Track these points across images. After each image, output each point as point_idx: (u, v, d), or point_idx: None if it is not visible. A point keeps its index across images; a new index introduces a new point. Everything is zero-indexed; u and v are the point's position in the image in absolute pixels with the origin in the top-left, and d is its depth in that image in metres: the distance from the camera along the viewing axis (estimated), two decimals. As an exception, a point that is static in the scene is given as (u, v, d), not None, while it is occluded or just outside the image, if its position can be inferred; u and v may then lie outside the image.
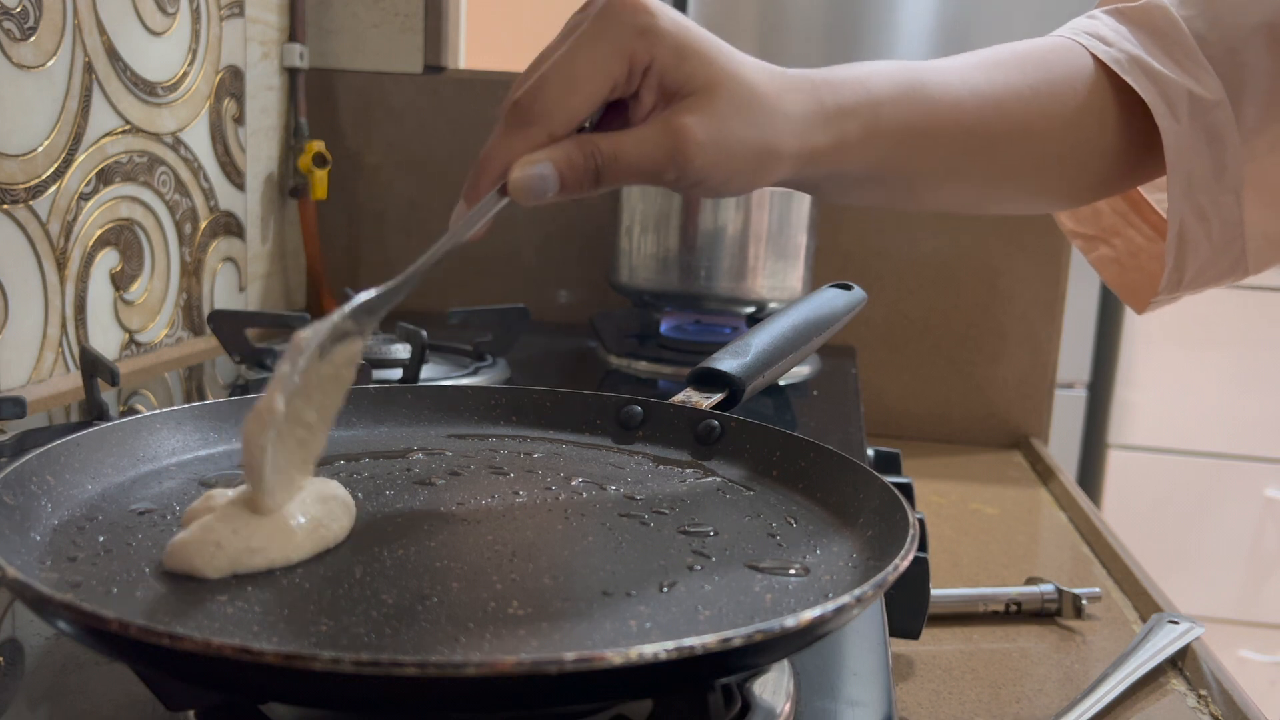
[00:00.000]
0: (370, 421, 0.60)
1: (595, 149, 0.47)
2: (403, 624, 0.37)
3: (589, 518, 0.48)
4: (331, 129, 1.31)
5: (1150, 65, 0.56)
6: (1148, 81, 0.56)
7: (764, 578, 0.43)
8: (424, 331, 0.88)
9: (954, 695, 0.63)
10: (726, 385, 0.60)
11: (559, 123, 0.46)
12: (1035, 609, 0.75)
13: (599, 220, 1.25)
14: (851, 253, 1.24)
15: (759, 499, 0.52)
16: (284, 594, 0.39)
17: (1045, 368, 1.25)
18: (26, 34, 0.84)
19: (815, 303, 0.71)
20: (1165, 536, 1.92)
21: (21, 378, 0.86)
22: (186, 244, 1.09)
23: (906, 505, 0.44)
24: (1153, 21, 0.58)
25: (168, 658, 0.31)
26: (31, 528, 0.43)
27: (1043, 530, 0.99)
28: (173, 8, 1.04)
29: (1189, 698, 0.64)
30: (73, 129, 0.91)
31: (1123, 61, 0.57)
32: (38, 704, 0.40)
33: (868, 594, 0.35)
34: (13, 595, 0.34)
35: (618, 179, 0.48)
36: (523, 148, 0.46)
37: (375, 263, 1.34)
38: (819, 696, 0.43)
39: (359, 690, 0.30)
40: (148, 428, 0.52)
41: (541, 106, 0.46)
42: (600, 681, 0.31)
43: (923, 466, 1.14)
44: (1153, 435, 1.95)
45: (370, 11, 1.29)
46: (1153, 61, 0.57)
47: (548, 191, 0.47)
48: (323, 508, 0.43)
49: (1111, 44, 0.58)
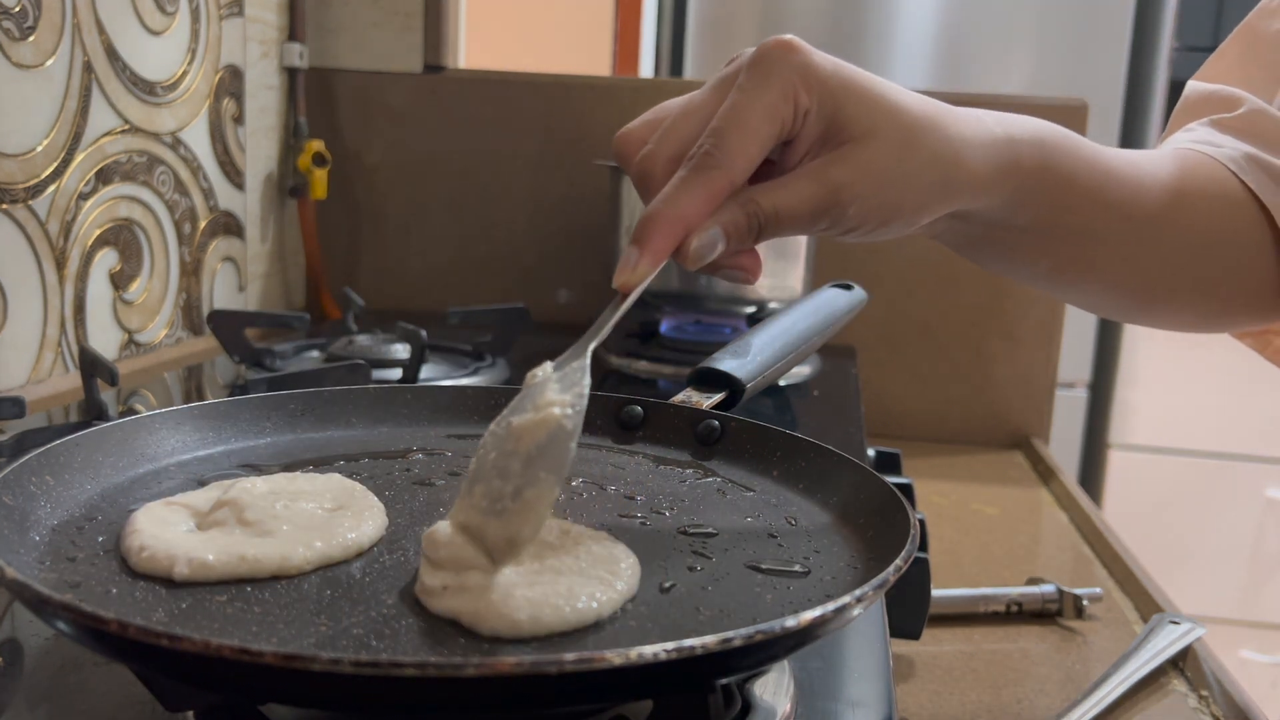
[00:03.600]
0: (370, 421, 0.60)
1: (756, 207, 0.46)
2: (403, 624, 0.37)
3: (589, 518, 0.48)
4: (331, 128, 1.31)
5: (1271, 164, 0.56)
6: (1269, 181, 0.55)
7: (764, 578, 0.43)
8: (424, 331, 0.88)
9: (954, 696, 0.63)
10: (727, 385, 0.60)
11: (740, 170, 0.46)
12: (1036, 609, 0.75)
13: (599, 220, 1.25)
14: (851, 253, 1.24)
15: (759, 499, 0.52)
16: (283, 595, 0.39)
17: (1046, 367, 1.25)
18: (26, 33, 0.84)
19: (815, 303, 0.71)
20: (1166, 536, 1.92)
21: (21, 378, 0.86)
22: (186, 244, 1.09)
23: (907, 505, 0.44)
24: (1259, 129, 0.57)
25: (167, 658, 0.31)
26: (31, 528, 0.43)
27: (1044, 530, 0.99)
28: (172, 7, 1.04)
29: (1190, 698, 0.64)
30: (72, 128, 0.91)
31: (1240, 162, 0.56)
32: (38, 704, 0.40)
33: (868, 594, 0.35)
34: (12, 595, 0.34)
35: (776, 233, 0.47)
36: (705, 200, 0.45)
37: (375, 262, 1.34)
38: (819, 697, 0.43)
39: (359, 691, 0.30)
40: (147, 428, 0.52)
41: (724, 155, 0.45)
42: (600, 682, 0.31)
43: (923, 466, 1.14)
44: (1153, 435, 1.95)
45: (370, 11, 1.29)
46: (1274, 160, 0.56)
47: (714, 255, 0.46)
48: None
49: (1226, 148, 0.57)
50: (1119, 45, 1.89)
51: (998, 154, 0.50)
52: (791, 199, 0.47)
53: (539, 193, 1.30)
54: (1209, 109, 0.61)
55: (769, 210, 0.46)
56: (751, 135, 0.45)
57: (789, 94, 0.46)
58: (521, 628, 0.36)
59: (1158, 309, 0.60)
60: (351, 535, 0.43)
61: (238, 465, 0.53)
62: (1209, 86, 0.63)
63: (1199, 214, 0.56)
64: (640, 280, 0.46)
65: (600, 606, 0.38)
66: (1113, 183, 0.54)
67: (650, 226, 0.45)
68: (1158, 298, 0.58)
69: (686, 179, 0.46)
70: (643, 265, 0.45)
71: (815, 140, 0.47)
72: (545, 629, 0.36)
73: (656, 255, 0.46)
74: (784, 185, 0.47)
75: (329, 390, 0.60)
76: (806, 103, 0.46)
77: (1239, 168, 0.56)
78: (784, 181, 0.47)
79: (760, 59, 0.46)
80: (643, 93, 1.27)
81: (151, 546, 0.40)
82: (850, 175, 0.46)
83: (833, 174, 0.46)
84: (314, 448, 0.57)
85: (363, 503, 0.47)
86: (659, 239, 0.45)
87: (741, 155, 0.45)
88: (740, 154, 0.45)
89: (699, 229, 0.46)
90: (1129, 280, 0.57)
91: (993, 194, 0.50)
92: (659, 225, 0.45)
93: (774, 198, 0.47)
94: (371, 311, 1.15)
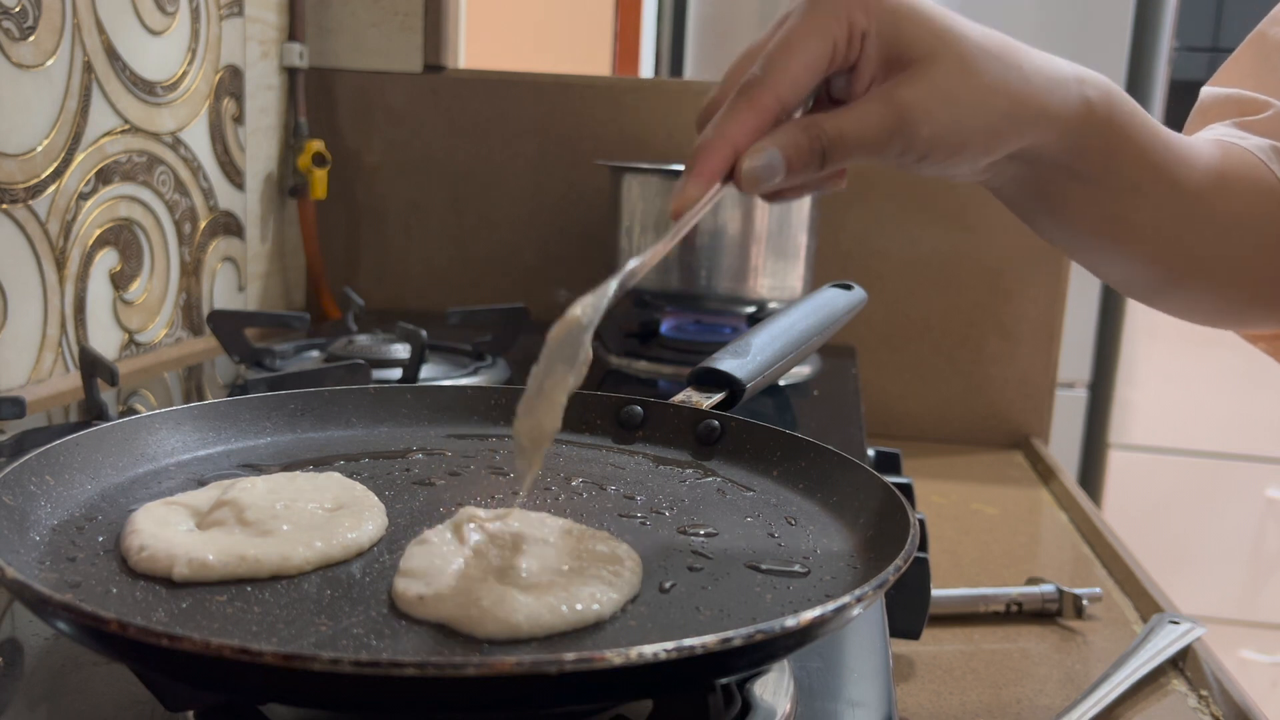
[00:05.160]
0: (370, 421, 0.60)
1: (820, 130, 0.46)
2: (403, 625, 0.37)
3: (589, 518, 0.48)
4: (331, 128, 1.31)
5: None
6: None
7: (764, 578, 0.43)
8: (424, 331, 0.88)
9: (954, 696, 0.63)
10: (727, 385, 0.60)
11: (786, 87, 0.45)
12: (1036, 609, 0.75)
13: (599, 220, 1.25)
14: (851, 253, 1.24)
15: (759, 499, 0.52)
16: (283, 595, 0.39)
17: (1046, 367, 1.25)
18: (26, 33, 0.84)
19: (815, 303, 0.71)
20: (1166, 536, 1.92)
21: (21, 378, 0.86)
22: (186, 244, 1.09)
23: (907, 505, 0.44)
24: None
25: (167, 658, 0.31)
26: (31, 528, 0.43)
27: (1043, 530, 0.99)
28: (172, 7, 1.04)
29: (1190, 698, 0.64)
30: (72, 128, 0.91)
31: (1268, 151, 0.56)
32: (38, 704, 0.40)
33: (868, 594, 0.35)
34: (12, 595, 0.34)
35: (844, 157, 0.47)
36: (751, 119, 0.45)
37: (374, 262, 1.34)
38: (819, 697, 0.43)
39: (359, 691, 0.30)
40: (147, 428, 0.52)
41: (769, 74, 0.45)
42: (600, 681, 0.31)
43: (923, 466, 1.14)
44: (1153, 435, 1.95)
45: (370, 11, 1.29)
46: None
47: (775, 178, 0.46)
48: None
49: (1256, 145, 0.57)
50: (1119, 45, 1.89)
51: (1068, 92, 0.50)
52: (857, 121, 0.46)
53: (539, 193, 1.30)
54: (1228, 112, 0.62)
55: (833, 132, 0.46)
56: (798, 54, 0.45)
57: (840, 14, 0.45)
58: (519, 630, 0.36)
59: (1184, 288, 0.60)
60: (351, 535, 0.43)
61: (238, 465, 0.53)
62: (1225, 90, 0.63)
63: (1236, 196, 0.56)
64: (689, 203, 0.45)
65: (602, 606, 0.38)
66: (1163, 148, 0.54)
67: (697, 152, 0.45)
68: (1187, 275, 0.58)
69: (733, 101, 0.46)
70: (690, 188, 0.45)
71: (879, 67, 0.47)
72: (545, 629, 0.36)
73: (703, 178, 0.45)
74: (850, 108, 0.47)
75: (329, 390, 0.60)
76: (864, 23, 0.46)
77: (1267, 157, 0.56)
78: (851, 106, 0.47)
79: None
80: (643, 93, 1.27)
81: (151, 546, 0.40)
82: (917, 94, 0.46)
83: (900, 94, 0.46)
84: (314, 448, 0.57)
85: (363, 503, 0.47)
86: (705, 161, 0.45)
87: (786, 73, 0.45)
88: (785, 72, 0.45)
89: (753, 150, 0.45)
90: (1164, 252, 0.57)
91: (1062, 131, 0.50)
92: (704, 148, 0.45)
93: (839, 120, 0.46)
94: (371, 311, 1.15)
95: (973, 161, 0.49)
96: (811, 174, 0.47)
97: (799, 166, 0.46)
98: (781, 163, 0.46)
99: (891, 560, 0.38)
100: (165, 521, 0.43)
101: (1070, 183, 0.53)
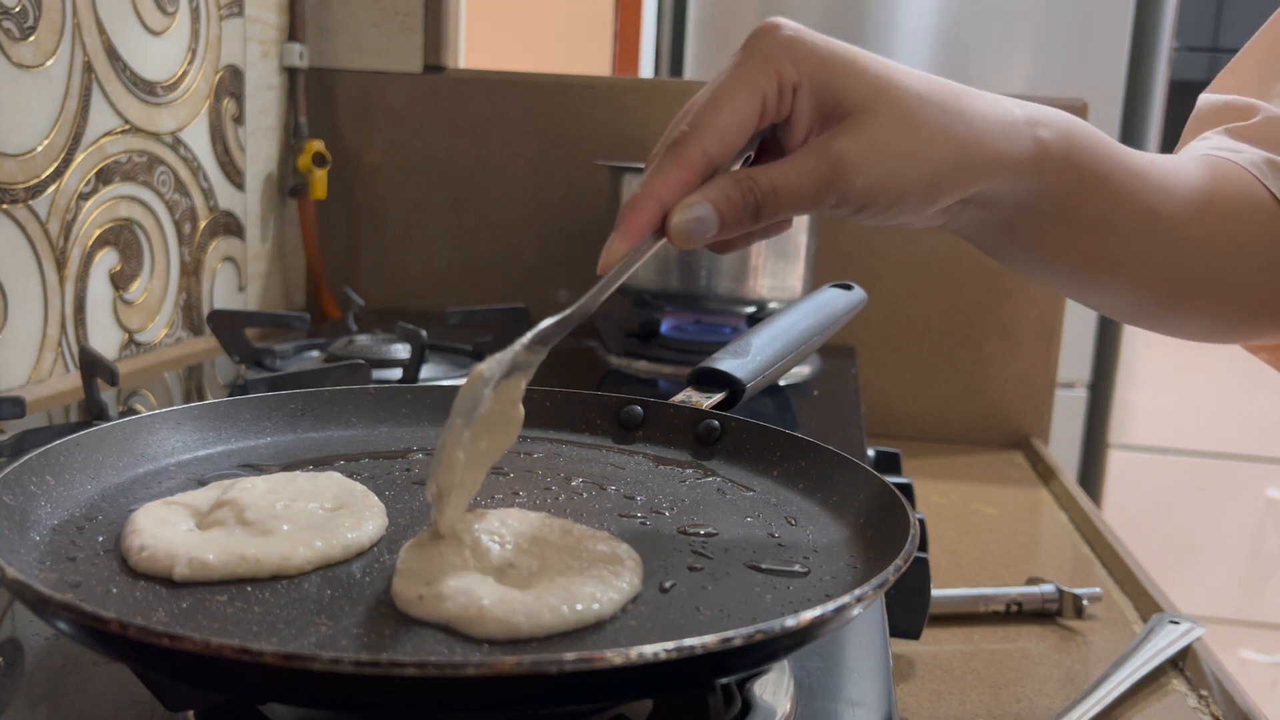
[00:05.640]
0: (370, 421, 0.60)
1: (753, 183, 0.45)
2: (403, 624, 0.37)
3: (589, 518, 0.48)
4: (331, 129, 1.31)
5: None
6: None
7: (764, 578, 0.43)
8: (424, 331, 0.88)
9: (954, 695, 0.63)
10: (727, 385, 0.60)
11: (712, 140, 0.45)
12: (1036, 609, 0.75)
13: (599, 220, 1.25)
14: (851, 253, 1.24)
15: (759, 499, 0.52)
16: (283, 594, 0.39)
17: (1046, 367, 1.25)
18: (26, 33, 0.84)
19: (815, 303, 0.71)
20: (1166, 536, 1.92)
21: (21, 378, 0.86)
22: (186, 244, 1.09)
23: (907, 505, 0.44)
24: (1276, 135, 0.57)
25: (167, 658, 0.31)
26: (31, 528, 0.43)
27: (1043, 530, 0.99)
28: (172, 7, 1.04)
29: (1190, 698, 0.64)
30: (72, 128, 0.91)
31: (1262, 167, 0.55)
32: (38, 704, 0.40)
33: (868, 594, 0.35)
34: (12, 595, 0.34)
35: (778, 211, 0.46)
36: (676, 175, 0.45)
37: (375, 262, 1.34)
38: (819, 697, 0.43)
39: (359, 690, 0.30)
40: (147, 428, 0.52)
41: (694, 128, 0.45)
42: (600, 681, 0.31)
43: (923, 466, 1.14)
44: (1153, 435, 1.95)
45: (370, 11, 1.29)
46: None
47: (707, 233, 0.45)
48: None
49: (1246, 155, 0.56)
50: (1119, 45, 1.89)
51: (1019, 135, 0.49)
52: (790, 173, 0.46)
53: (539, 193, 1.30)
54: (1224, 118, 0.61)
55: (766, 186, 0.45)
56: (724, 108, 0.45)
57: (768, 67, 0.45)
58: (519, 630, 0.36)
59: (1178, 313, 0.59)
60: (351, 535, 0.43)
61: (238, 465, 0.53)
62: (1221, 97, 0.62)
63: (1227, 219, 0.55)
64: (615, 259, 0.45)
65: (602, 606, 0.38)
66: (1136, 179, 0.53)
67: (625, 209, 0.45)
68: (1179, 301, 0.57)
69: (660, 158, 0.46)
70: (616, 244, 0.45)
71: (814, 118, 0.47)
72: (545, 629, 0.36)
73: (629, 233, 0.45)
74: (784, 161, 0.46)
75: (329, 390, 0.60)
76: (794, 77, 0.45)
77: (1261, 173, 0.55)
78: (785, 159, 0.46)
79: (749, 39, 0.46)
80: (643, 93, 1.27)
81: (151, 546, 0.40)
82: (851, 146, 0.45)
83: (834, 146, 0.46)
84: (314, 448, 0.57)
85: (363, 503, 0.47)
86: (631, 218, 0.45)
87: (712, 128, 0.45)
88: (711, 127, 0.45)
89: (682, 205, 0.45)
90: (1150, 282, 0.56)
91: (1015, 176, 0.49)
92: (631, 205, 0.45)
93: (771, 174, 0.46)
94: (371, 311, 1.15)
95: (916, 211, 0.48)
96: (748, 227, 0.46)
97: (732, 220, 0.45)
98: (714, 217, 0.45)
99: (891, 560, 0.38)
100: (165, 521, 0.43)
101: (1039, 222, 0.52)
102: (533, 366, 0.44)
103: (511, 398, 0.44)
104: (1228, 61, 0.66)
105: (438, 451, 0.41)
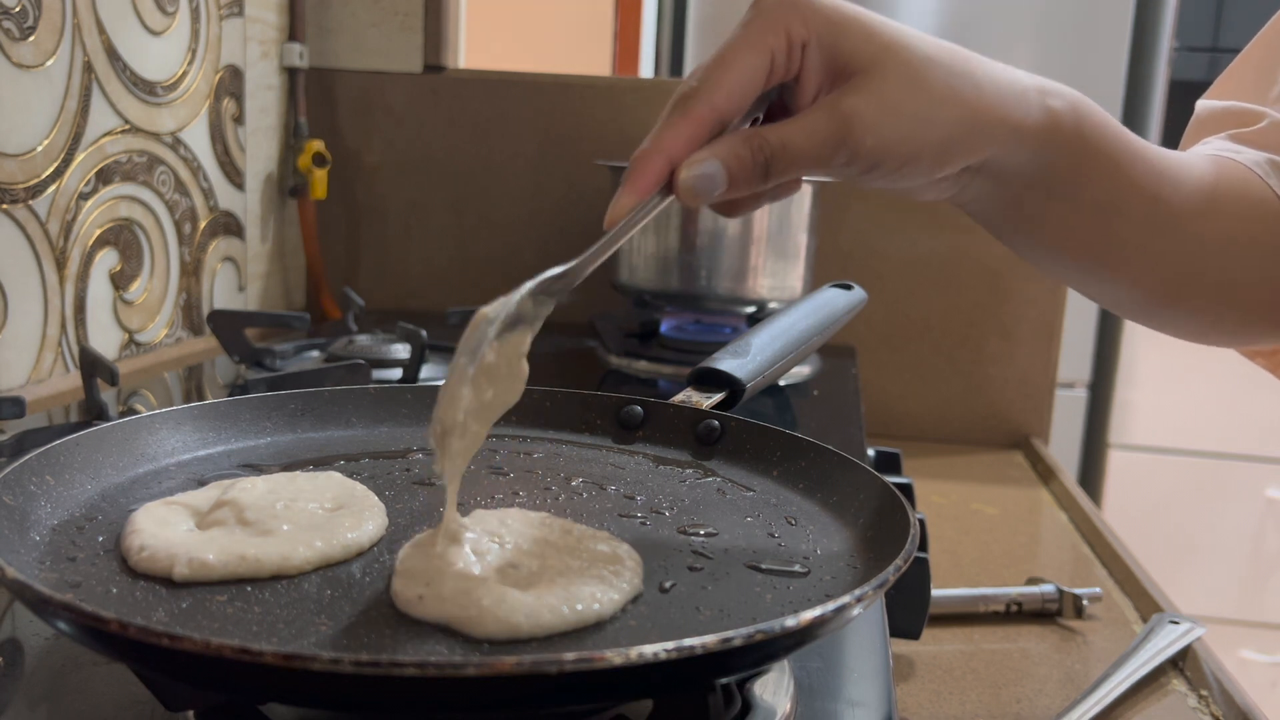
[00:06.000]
0: (370, 421, 0.60)
1: (762, 141, 0.45)
2: (403, 624, 0.37)
3: (589, 518, 0.48)
4: (331, 128, 1.31)
5: None
6: None
7: (764, 578, 0.43)
8: (424, 331, 0.88)
9: (954, 695, 0.63)
10: (727, 385, 0.60)
11: (720, 97, 0.44)
12: (1036, 609, 0.75)
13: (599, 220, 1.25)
14: (851, 253, 1.24)
15: (759, 499, 0.52)
16: (283, 594, 0.39)
17: (1046, 367, 1.25)
18: (26, 33, 0.84)
19: (815, 303, 0.71)
20: (1166, 536, 1.92)
21: (21, 378, 0.86)
22: (186, 244, 1.09)
23: (907, 505, 0.44)
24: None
25: (167, 658, 0.31)
26: (31, 528, 0.43)
27: (1043, 530, 0.99)
28: (172, 7, 1.04)
29: (1190, 698, 0.64)
30: (72, 128, 0.91)
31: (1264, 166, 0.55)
32: (38, 704, 0.40)
33: (868, 594, 0.35)
34: (12, 595, 0.34)
35: (788, 170, 0.46)
36: (685, 129, 0.44)
37: (375, 262, 1.34)
38: (819, 697, 0.43)
39: (359, 691, 0.30)
40: (147, 428, 0.52)
41: (702, 85, 0.44)
42: (600, 681, 0.31)
43: (923, 466, 1.14)
44: (1153, 435, 1.95)
45: (370, 11, 1.29)
46: None
47: (715, 190, 0.45)
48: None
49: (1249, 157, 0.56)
50: (1119, 45, 1.89)
51: (1029, 102, 0.49)
52: (800, 131, 0.45)
53: (539, 193, 1.30)
54: (1224, 124, 0.61)
55: (776, 143, 0.45)
56: (732, 64, 0.45)
57: (777, 26, 0.45)
58: (519, 630, 0.36)
59: (1177, 310, 0.58)
60: (352, 535, 0.43)
61: (238, 465, 0.53)
62: (1221, 103, 0.62)
63: (1230, 215, 0.55)
64: (622, 214, 0.45)
65: (602, 606, 0.38)
66: (1143, 164, 0.53)
67: (633, 164, 0.45)
68: (1179, 297, 0.57)
69: (668, 113, 0.45)
70: (624, 198, 0.45)
71: (822, 78, 0.46)
72: (545, 629, 0.36)
73: (637, 188, 0.45)
74: (794, 120, 0.46)
75: (329, 390, 0.60)
76: (803, 34, 0.45)
77: (1264, 172, 0.55)
78: (795, 117, 0.46)
79: (755, 1, 0.46)
80: (643, 93, 1.27)
81: (151, 546, 0.40)
82: (861, 104, 0.45)
83: (843, 104, 0.45)
84: (314, 448, 0.57)
85: (363, 503, 0.47)
86: (639, 172, 0.45)
87: (720, 84, 0.44)
88: (719, 83, 0.44)
89: (690, 161, 0.44)
90: (1152, 274, 0.56)
91: (1024, 145, 0.49)
92: (639, 159, 0.45)
93: (781, 131, 0.45)
94: (371, 311, 1.15)
95: (927, 174, 0.48)
96: (757, 186, 0.46)
97: (741, 179, 0.45)
98: (722, 173, 0.45)
99: (891, 560, 0.38)
100: (165, 521, 0.43)
101: (1045, 201, 0.52)
102: (539, 320, 0.44)
103: (518, 351, 0.43)
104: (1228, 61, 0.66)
105: (441, 390, 0.41)
